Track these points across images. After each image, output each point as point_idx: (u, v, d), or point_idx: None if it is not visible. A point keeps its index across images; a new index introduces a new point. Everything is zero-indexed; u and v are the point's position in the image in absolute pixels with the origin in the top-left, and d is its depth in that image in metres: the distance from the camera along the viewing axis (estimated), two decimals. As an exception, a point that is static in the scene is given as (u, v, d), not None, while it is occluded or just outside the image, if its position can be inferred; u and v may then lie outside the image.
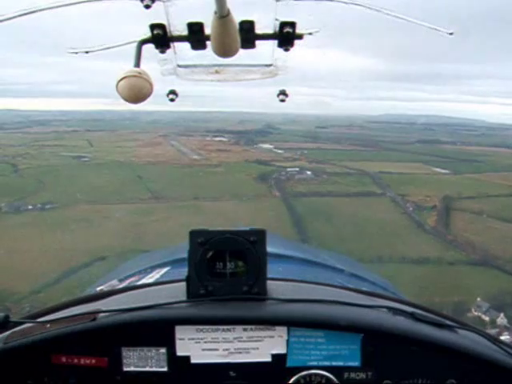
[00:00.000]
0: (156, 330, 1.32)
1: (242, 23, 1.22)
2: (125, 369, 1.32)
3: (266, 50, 1.32)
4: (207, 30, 1.22)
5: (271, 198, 57.61)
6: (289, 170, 67.70)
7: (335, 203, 54.88)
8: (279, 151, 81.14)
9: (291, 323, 1.32)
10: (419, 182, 63.70)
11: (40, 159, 67.77)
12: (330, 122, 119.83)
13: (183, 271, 1.41)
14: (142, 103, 1.18)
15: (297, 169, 68.53)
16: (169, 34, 1.25)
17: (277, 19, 1.23)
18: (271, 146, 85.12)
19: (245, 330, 1.33)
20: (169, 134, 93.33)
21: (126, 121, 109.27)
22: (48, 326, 1.32)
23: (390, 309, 1.41)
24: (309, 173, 67.14)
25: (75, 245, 35.86)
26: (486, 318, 30.82)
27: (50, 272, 32.18)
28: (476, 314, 31.53)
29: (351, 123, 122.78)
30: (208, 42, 1.25)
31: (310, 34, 1.26)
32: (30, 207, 48.00)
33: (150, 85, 1.15)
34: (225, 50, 1.22)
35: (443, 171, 71.64)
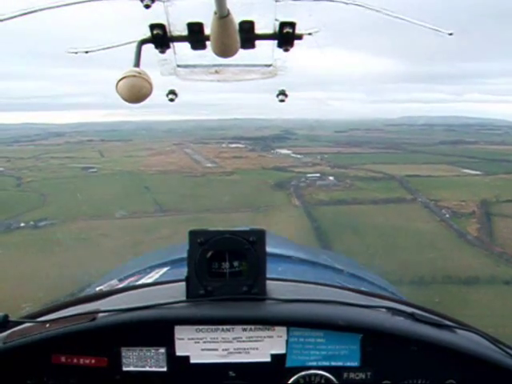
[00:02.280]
0: (155, 330, 1.32)
1: (242, 23, 1.22)
2: (124, 369, 1.32)
3: (266, 50, 1.32)
4: (207, 30, 1.22)
5: (290, 208, 51.45)
6: (309, 175, 62.08)
7: (362, 212, 48.41)
8: (298, 156, 76.65)
9: (290, 323, 1.33)
10: (450, 185, 57.78)
11: (46, 171, 64.80)
12: (349, 126, 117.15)
13: (183, 271, 1.41)
14: (142, 103, 1.18)
15: (317, 174, 62.91)
16: (168, 34, 1.24)
17: (276, 19, 1.23)
18: (289, 152, 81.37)
19: (244, 330, 1.32)
20: (183, 142, 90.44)
21: (142, 131, 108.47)
22: (47, 325, 1.33)
23: (389, 309, 1.41)
24: (331, 178, 61.51)
25: (60, 270, 29.52)
26: None
27: (16, 308, 24.47)
28: None
29: (370, 127, 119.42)
30: (208, 42, 1.25)
31: (310, 34, 1.26)
32: (22, 225, 43.06)
33: (150, 85, 1.15)
34: (224, 50, 1.22)
35: (473, 172, 65.73)
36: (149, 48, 1.24)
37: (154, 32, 1.21)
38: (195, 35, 1.23)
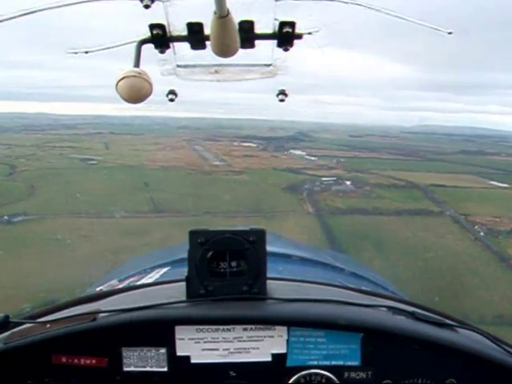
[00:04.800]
0: (156, 330, 1.39)
1: (242, 23, 1.28)
2: (125, 369, 1.39)
3: (266, 49, 1.39)
4: (207, 30, 1.28)
5: (303, 215, 48.63)
6: (324, 179, 60.60)
7: (385, 224, 44.87)
8: (312, 158, 76.35)
9: (291, 323, 1.40)
10: (479, 197, 55.41)
11: (44, 161, 64.24)
12: (364, 131, 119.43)
13: (183, 271, 1.48)
14: (143, 103, 1.24)
15: (333, 178, 61.34)
16: (168, 34, 1.31)
17: (276, 19, 1.29)
18: (303, 153, 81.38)
19: (245, 329, 1.40)
20: (194, 138, 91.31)
21: (155, 126, 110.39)
22: (48, 326, 1.40)
23: (390, 308, 1.49)
24: (348, 183, 59.77)
25: (21, 280, 25.89)
26: None
27: None
28: None
29: (386, 133, 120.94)
30: (207, 42, 1.31)
31: (310, 33, 1.32)
32: (-6, 220, 40.66)
33: (150, 85, 1.21)
34: (224, 50, 1.28)
35: (501, 185, 64.36)
36: (149, 48, 1.31)
37: (154, 32, 1.28)
38: (195, 35, 1.30)
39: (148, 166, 64.30)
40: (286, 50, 1.35)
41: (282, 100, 1.46)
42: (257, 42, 1.34)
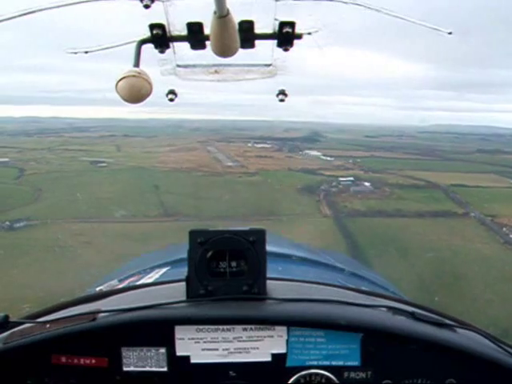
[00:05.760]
0: (156, 329, 1.42)
1: (242, 23, 1.31)
2: (125, 369, 1.42)
3: (266, 49, 1.42)
4: (207, 30, 1.31)
5: (320, 219, 47.60)
6: (341, 179, 59.73)
7: (408, 227, 43.32)
8: (328, 158, 75.92)
9: (291, 323, 1.43)
10: (503, 197, 53.77)
11: (53, 164, 64.39)
12: (379, 131, 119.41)
13: (183, 271, 1.51)
14: (143, 103, 1.27)
15: (351, 179, 60.39)
16: (168, 34, 1.34)
17: (276, 19, 1.32)
18: (319, 153, 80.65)
19: (244, 329, 1.42)
20: (208, 140, 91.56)
21: (169, 128, 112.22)
22: (48, 326, 1.43)
23: (390, 308, 1.52)
24: (367, 184, 58.89)
25: (14, 290, 23.34)
26: None
27: None
28: None
29: (401, 133, 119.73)
30: (207, 42, 1.34)
31: (310, 33, 1.35)
32: (-6, 226, 40.45)
33: (150, 85, 1.24)
34: (224, 50, 1.31)
35: None
36: (149, 48, 1.35)
37: (154, 32, 1.31)
38: (195, 35, 1.33)
39: (159, 168, 63.99)
40: (285, 50, 1.38)
41: (281, 100, 1.49)
42: (257, 42, 1.37)
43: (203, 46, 1.37)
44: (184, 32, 1.34)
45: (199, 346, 1.41)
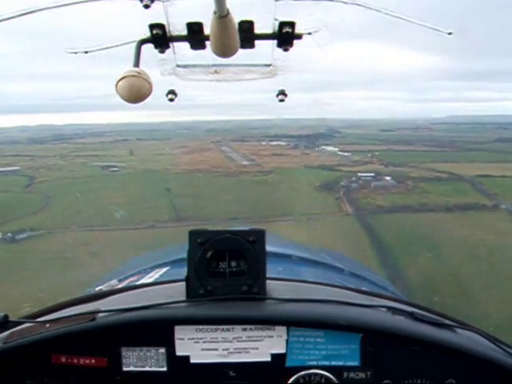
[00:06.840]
0: (155, 329, 1.46)
1: (242, 23, 1.34)
2: (124, 369, 1.45)
3: (266, 50, 1.45)
4: (206, 30, 1.34)
5: (341, 217, 45.73)
6: (361, 175, 58.22)
7: (436, 222, 41.28)
8: (345, 154, 74.37)
9: (291, 323, 1.46)
10: None
11: (64, 171, 63.78)
12: (394, 125, 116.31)
13: (183, 271, 1.54)
14: (143, 103, 1.29)
15: (371, 174, 58.69)
16: (168, 34, 1.37)
17: (276, 19, 1.35)
18: (336, 149, 78.86)
19: (244, 329, 1.46)
20: (222, 139, 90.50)
21: (183, 130, 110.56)
22: (47, 325, 1.46)
23: (389, 308, 1.54)
24: (388, 178, 57.02)
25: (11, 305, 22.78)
26: None
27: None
28: None
29: (417, 125, 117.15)
30: (207, 42, 1.37)
31: (310, 33, 1.38)
32: (-3, 237, 39.27)
33: (149, 84, 1.27)
34: (224, 50, 1.33)
35: None
36: (149, 48, 1.38)
37: (154, 32, 1.35)
38: (195, 35, 1.37)
39: (172, 170, 63.17)
40: (285, 50, 1.41)
41: (281, 100, 1.53)
42: (257, 42, 1.41)
43: (203, 46, 1.40)
44: (184, 32, 1.37)
45: (199, 345, 1.45)
